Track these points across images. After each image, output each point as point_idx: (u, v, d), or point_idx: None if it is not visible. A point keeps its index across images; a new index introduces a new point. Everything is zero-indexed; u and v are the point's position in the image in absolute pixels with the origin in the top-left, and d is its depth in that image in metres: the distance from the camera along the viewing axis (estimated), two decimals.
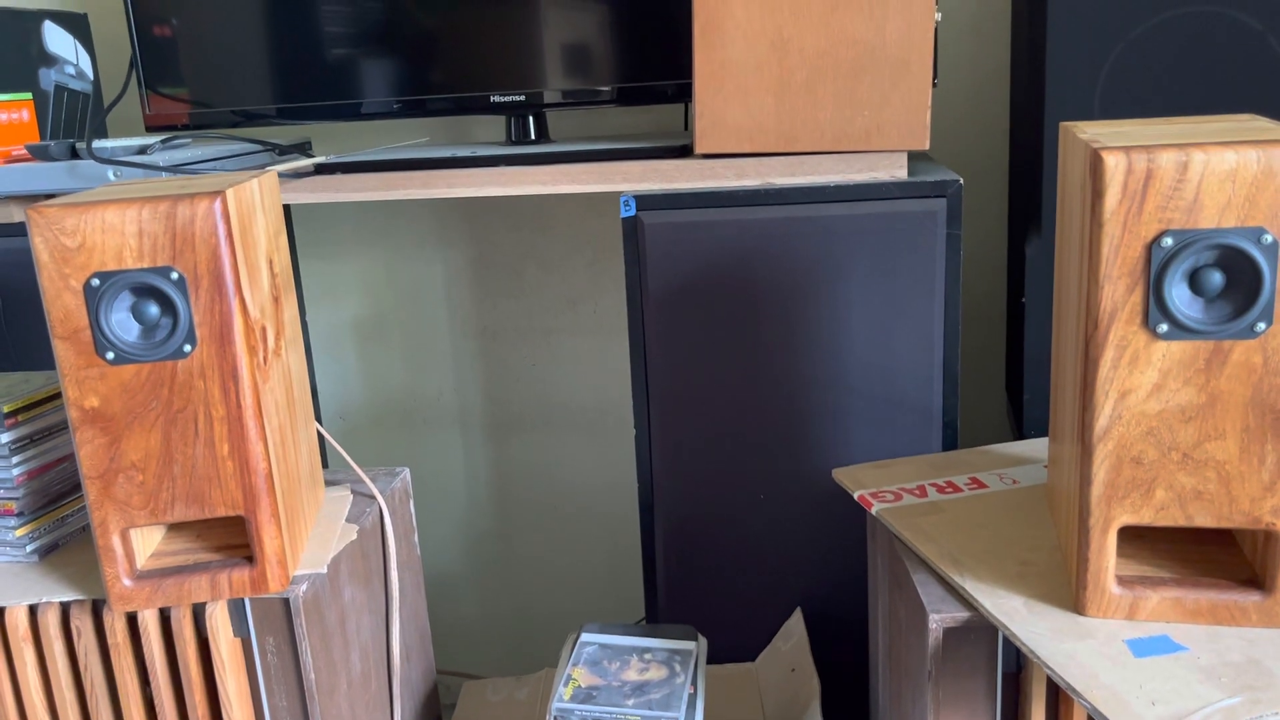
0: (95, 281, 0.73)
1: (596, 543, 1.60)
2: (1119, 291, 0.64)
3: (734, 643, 1.16)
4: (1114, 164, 0.62)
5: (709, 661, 1.16)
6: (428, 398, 1.59)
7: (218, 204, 0.73)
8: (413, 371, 1.58)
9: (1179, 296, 0.63)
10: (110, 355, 0.74)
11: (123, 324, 0.74)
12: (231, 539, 0.86)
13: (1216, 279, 0.63)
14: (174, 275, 0.74)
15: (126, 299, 0.74)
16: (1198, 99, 1.03)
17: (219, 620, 0.81)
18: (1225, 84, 1.02)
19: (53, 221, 0.72)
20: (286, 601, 0.81)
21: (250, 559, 0.81)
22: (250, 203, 0.80)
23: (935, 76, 1.12)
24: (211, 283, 0.74)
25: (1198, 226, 0.62)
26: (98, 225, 0.72)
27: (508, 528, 1.62)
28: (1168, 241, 0.62)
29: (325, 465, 1.48)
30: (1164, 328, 0.64)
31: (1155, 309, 0.63)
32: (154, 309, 0.74)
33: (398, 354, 1.58)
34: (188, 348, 0.75)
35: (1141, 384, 0.65)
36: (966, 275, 1.41)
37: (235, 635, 0.83)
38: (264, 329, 0.81)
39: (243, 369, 0.76)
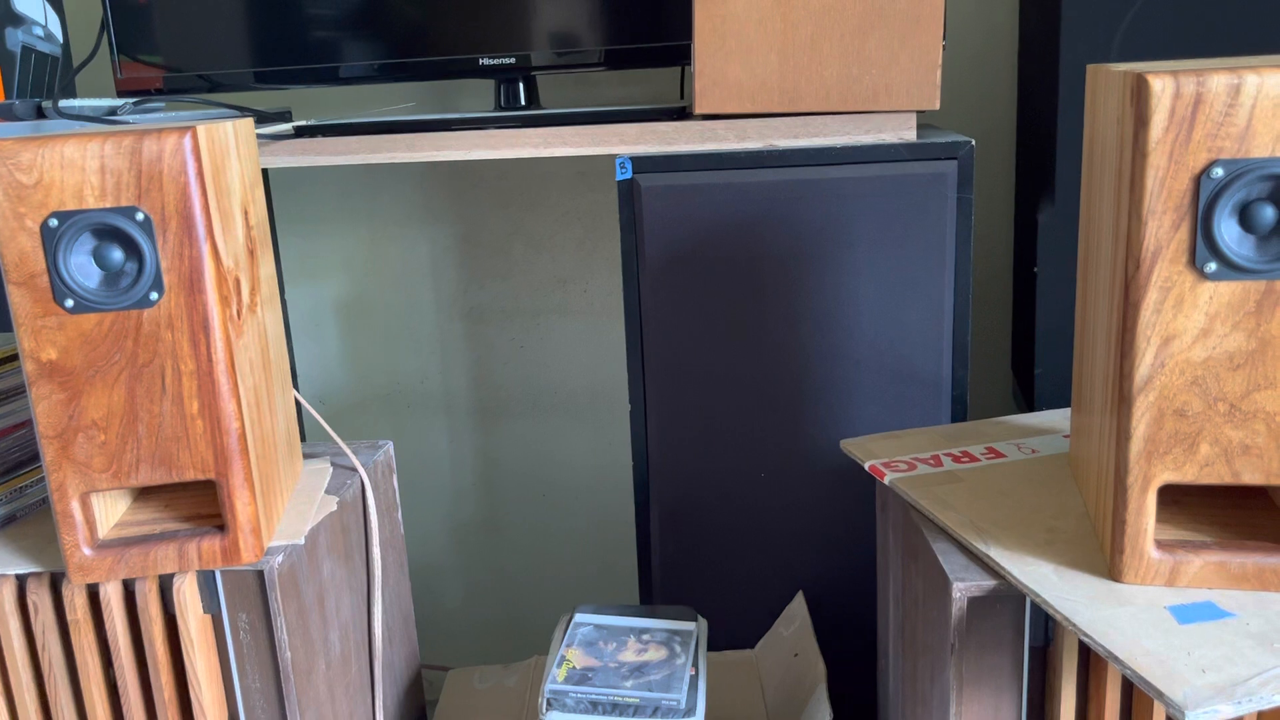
0: (53, 222, 0.67)
1: (588, 532, 1.55)
2: (1163, 228, 0.59)
3: (733, 629, 1.11)
4: (1160, 88, 0.57)
5: (707, 649, 1.11)
6: (412, 381, 1.53)
7: (187, 139, 0.68)
8: (396, 354, 1.53)
9: (1228, 232, 0.59)
10: (69, 303, 0.69)
11: (83, 269, 0.69)
12: (202, 508, 0.80)
13: (1269, 214, 0.58)
14: (139, 216, 0.68)
15: (87, 241, 0.68)
16: (1218, 56, 0.99)
17: (187, 594, 0.75)
18: (1246, 41, 0.98)
19: (7, 155, 0.66)
20: (261, 574, 0.76)
21: (222, 528, 0.75)
22: (224, 145, 0.75)
23: (943, 38, 1.07)
24: (180, 225, 0.69)
25: (1250, 156, 0.57)
26: (56, 160, 0.67)
27: (495, 516, 1.56)
28: (1218, 172, 0.58)
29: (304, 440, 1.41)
30: (1212, 267, 0.59)
31: (1203, 246, 0.59)
32: (117, 253, 0.68)
33: (381, 336, 1.52)
34: (154, 295, 0.69)
35: (1187, 328, 0.60)
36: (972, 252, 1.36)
37: (205, 611, 0.77)
38: (238, 280, 0.76)
39: (214, 320, 0.71)
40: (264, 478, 0.79)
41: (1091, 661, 0.67)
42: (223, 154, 0.74)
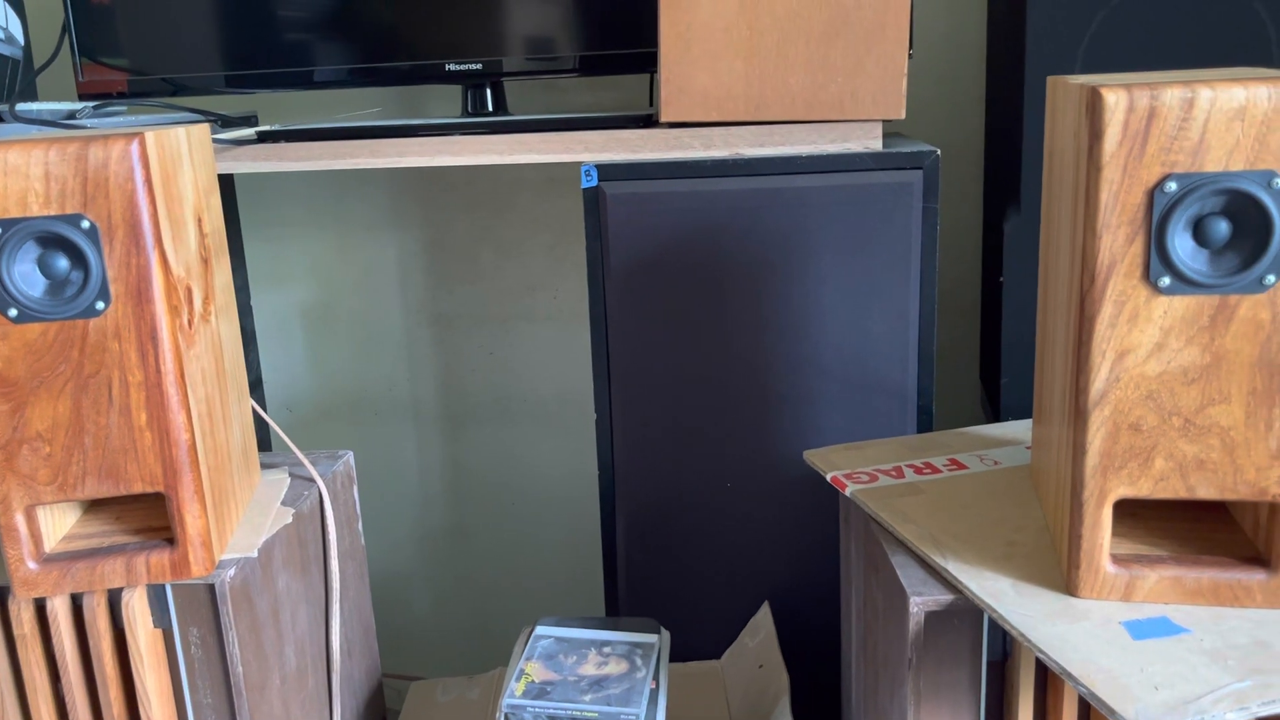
0: None
1: (557, 540, 1.54)
2: (1118, 242, 0.59)
3: (699, 639, 1.11)
4: (1114, 101, 0.57)
5: (672, 660, 1.10)
6: (379, 388, 1.52)
7: (135, 146, 0.67)
8: (364, 360, 1.51)
9: (1182, 247, 0.58)
10: (13, 312, 0.67)
11: (27, 277, 0.67)
12: (153, 521, 0.79)
13: (1223, 228, 0.58)
14: (85, 224, 0.67)
15: (32, 250, 0.67)
16: (1182, 67, 1.00)
17: (136, 609, 0.74)
18: (1210, 52, 0.98)
19: None
20: (212, 588, 0.74)
21: (171, 541, 0.74)
22: (175, 151, 0.74)
23: (910, 47, 1.07)
24: (127, 233, 0.67)
25: (1203, 170, 0.57)
26: None
27: (463, 524, 1.55)
28: (1171, 186, 0.57)
29: (270, 450, 1.40)
30: (1166, 281, 0.59)
31: (1157, 260, 0.59)
32: (63, 261, 0.67)
33: (348, 342, 1.51)
34: (100, 305, 0.68)
35: (1141, 343, 0.60)
36: (938, 262, 1.36)
37: (155, 626, 0.75)
38: (189, 289, 0.74)
39: (163, 330, 0.69)
40: (216, 490, 0.77)
41: (1049, 676, 0.67)
42: (174, 160, 0.73)
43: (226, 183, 1.38)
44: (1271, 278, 0.58)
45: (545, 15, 1.16)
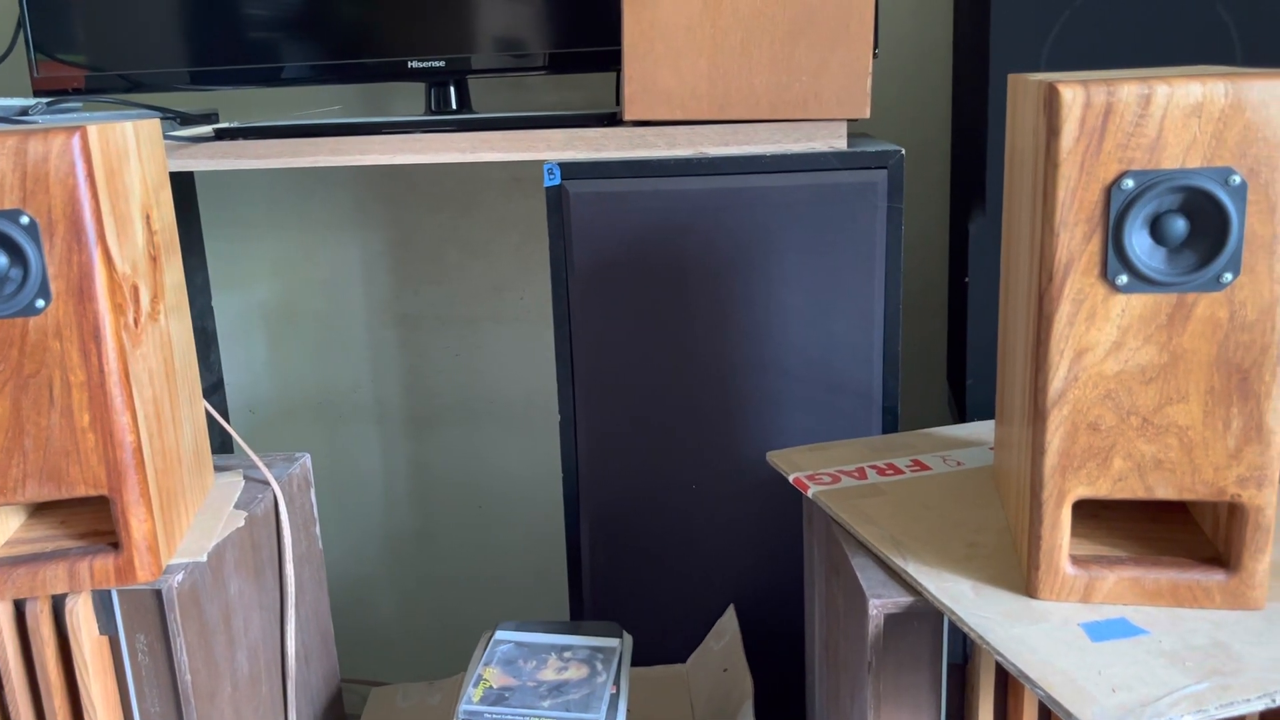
0: None
1: (522, 542, 1.52)
2: (1075, 240, 0.58)
3: (664, 643, 1.09)
4: (1071, 97, 0.57)
5: (637, 664, 1.09)
6: (343, 390, 1.50)
7: (76, 139, 0.65)
8: (327, 362, 1.49)
9: (1140, 245, 0.58)
10: None
11: None
12: (100, 525, 0.77)
13: (1180, 226, 0.57)
14: (24, 220, 0.65)
15: None
16: (1146, 68, 1.00)
17: (81, 615, 0.72)
18: (1174, 53, 0.98)
19: None
20: (158, 593, 0.72)
21: (116, 545, 0.72)
22: (121, 146, 0.72)
23: (875, 47, 1.07)
24: (69, 229, 0.66)
25: (1160, 167, 0.57)
26: None
27: (428, 527, 1.53)
28: (1128, 183, 0.57)
29: (230, 453, 1.38)
30: (1123, 279, 0.58)
31: (1114, 258, 0.58)
32: (1, 258, 0.65)
33: (311, 343, 1.49)
34: (40, 303, 0.66)
35: (1099, 342, 0.59)
36: (904, 264, 1.36)
37: (101, 633, 0.74)
38: (135, 287, 0.73)
39: (106, 329, 0.67)
40: (164, 493, 0.76)
41: (1009, 679, 0.66)
42: (119, 155, 0.71)
43: (187, 182, 1.36)
44: (1229, 276, 0.57)
45: (509, 13, 1.14)
